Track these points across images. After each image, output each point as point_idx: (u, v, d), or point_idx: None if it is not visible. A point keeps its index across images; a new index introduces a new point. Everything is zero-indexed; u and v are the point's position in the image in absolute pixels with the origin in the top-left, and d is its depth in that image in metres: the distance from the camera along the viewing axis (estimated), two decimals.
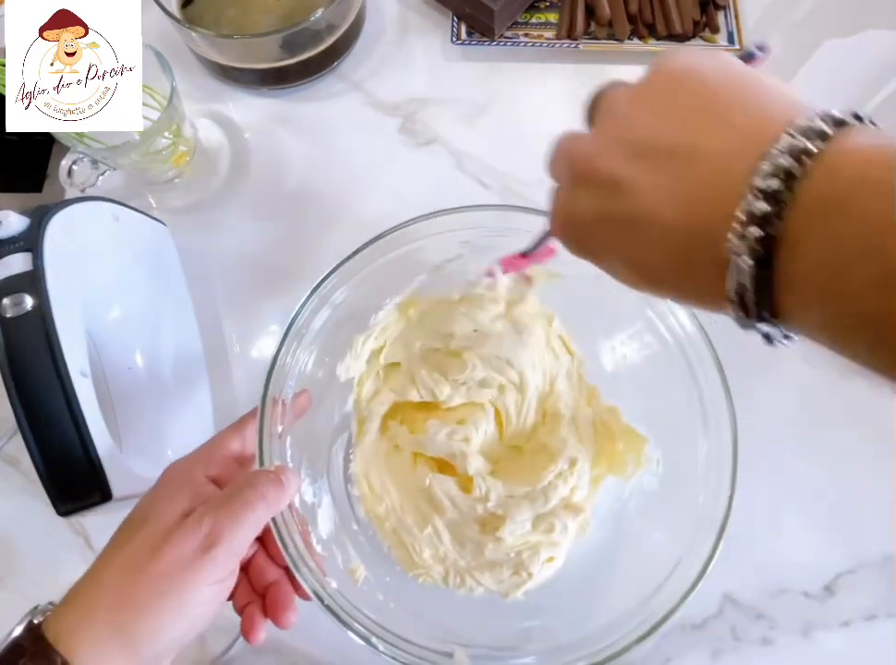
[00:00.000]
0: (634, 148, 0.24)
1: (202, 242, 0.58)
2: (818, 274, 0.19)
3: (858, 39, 0.63)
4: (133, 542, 0.32)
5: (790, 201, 0.19)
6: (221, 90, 0.63)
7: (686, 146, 0.23)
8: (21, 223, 0.40)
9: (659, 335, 0.45)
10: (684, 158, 0.23)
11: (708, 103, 0.24)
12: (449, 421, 0.47)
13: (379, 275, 0.45)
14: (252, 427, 0.39)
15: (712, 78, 0.24)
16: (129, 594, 0.30)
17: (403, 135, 0.62)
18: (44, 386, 0.37)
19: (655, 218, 0.23)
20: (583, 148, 0.27)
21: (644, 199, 0.24)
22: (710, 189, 0.22)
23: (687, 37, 0.62)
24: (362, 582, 0.42)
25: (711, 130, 0.23)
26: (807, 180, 0.19)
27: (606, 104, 0.28)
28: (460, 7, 0.62)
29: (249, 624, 0.35)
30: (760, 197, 0.20)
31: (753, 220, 0.20)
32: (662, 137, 0.24)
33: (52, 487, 0.38)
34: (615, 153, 0.25)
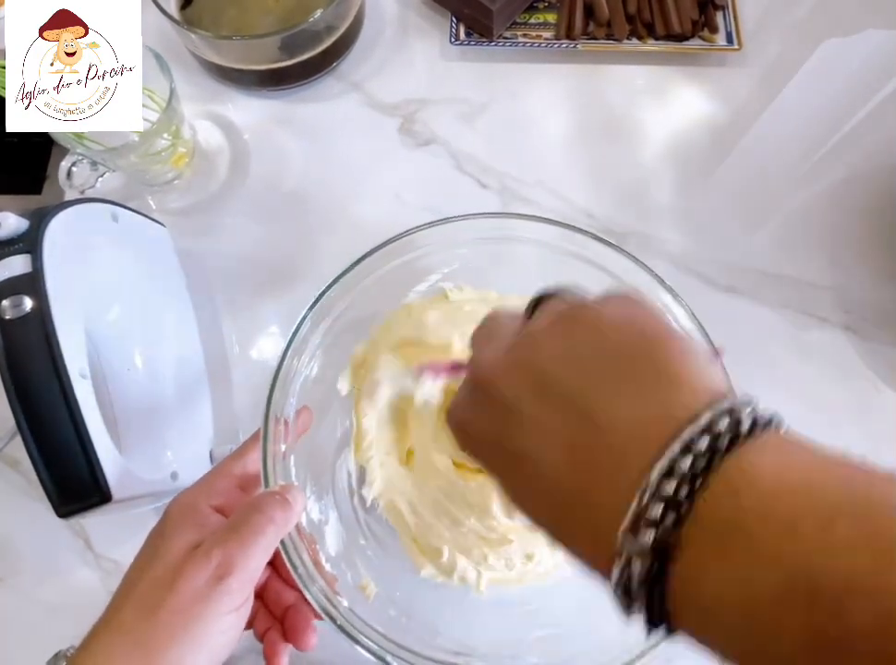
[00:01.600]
0: (539, 381, 0.23)
1: (202, 243, 0.58)
2: (712, 596, 0.18)
3: (858, 39, 0.63)
4: (145, 580, 0.32)
5: (686, 513, 0.18)
6: (220, 91, 0.63)
7: (586, 406, 0.22)
8: (20, 224, 0.39)
9: None
10: (583, 417, 0.22)
11: (624, 366, 0.22)
12: None
13: (379, 285, 0.45)
14: (255, 448, 0.38)
15: (638, 336, 0.23)
16: (147, 633, 0.30)
17: (402, 135, 0.62)
18: (44, 388, 0.37)
19: (541, 464, 0.22)
20: (494, 354, 0.26)
21: (532, 441, 0.23)
22: (603, 463, 0.21)
23: (686, 37, 0.62)
24: (373, 598, 0.42)
25: (617, 396, 0.22)
26: (708, 493, 0.18)
27: (542, 314, 0.27)
28: (459, 8, 0.62)
29: (272, 651, 0.35)
30: (655, 498, 0.18)
31: (646, 522, 0.18)
32: (569, 382, 0.23)
33: (51, 488, 0.38)
34: (521, 379, 0.24)
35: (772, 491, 0.18)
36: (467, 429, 0.27)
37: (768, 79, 0.63)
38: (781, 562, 0.16)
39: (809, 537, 0.16)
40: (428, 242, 0.46)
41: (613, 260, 0.46)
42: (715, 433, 0.19)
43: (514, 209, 0.59)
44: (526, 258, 0.49)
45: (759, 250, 0.57)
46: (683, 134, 0.61)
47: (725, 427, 0.19)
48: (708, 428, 0.19)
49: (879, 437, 0.51)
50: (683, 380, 0.22)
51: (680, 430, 0.19)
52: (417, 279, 0.48)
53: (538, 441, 0.23)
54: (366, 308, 0.46)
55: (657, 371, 0.22)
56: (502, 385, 0.25)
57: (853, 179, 0.59)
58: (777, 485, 0.18)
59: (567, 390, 0.23)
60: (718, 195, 0.59)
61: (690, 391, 0.21)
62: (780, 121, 0.61)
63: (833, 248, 0.57)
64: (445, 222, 0.45)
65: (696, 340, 0.24)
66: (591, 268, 0.47)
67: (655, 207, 0.59)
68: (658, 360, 0.22)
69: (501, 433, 0.24)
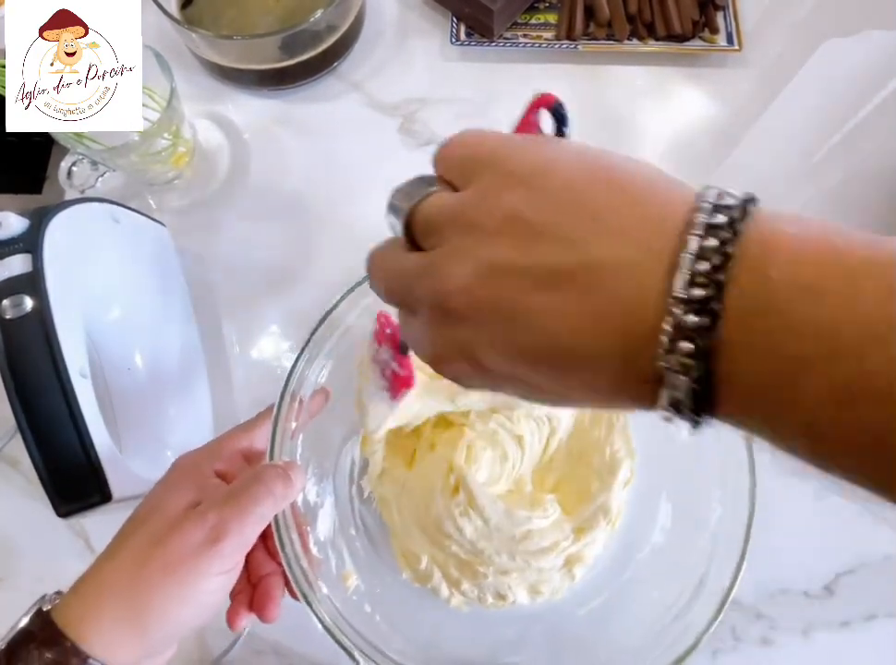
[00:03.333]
0: (533, 273, 0.20)
1: (202, 243, 0.58)
2: (761, 387, 0.18)
3: (858, 39, 0.63)
4: (140, 532, 0.32)
5: (719, 311, 0.18)
6: (220, 90, 0.63)
7: (583, 262, 0.20)
8: (21, 224, 0.40)
9: None
10: (584, 276, 0.20)
11: (597, 191, 0.20)
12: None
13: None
14: (264, 425, 0.39)
15: (580, 173, 0.21)
16: (137, 581, 0.31)
17: (402, 135, 0.62)
18: (44, 387, 0.37)
19: (565, 347, 0.20)
20: (433, 279, 0.22)
21: (548, 330, 0.20)
22: (624, 307, 0.19)
23: (686, 37, 0.62)
24: (353, 591, 0.42)
25: (601, 237, 0.20)
26: (734, 285, 0.17)
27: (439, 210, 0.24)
28: (459, 8, 0.62)
29: (234, 612, 0.35)
30: (686, 308, 0.18)
31: (681, 333, 0.18)
32: (545, 225, 0.20)
33: (52, 488, 0.38)
34: (503, 279, 0.21)
35: (796, 258, 0.17)
36: (452, 361, 0.23)
37: (769, 80, 0.63)
38: (810, 323, 0.17)
39: (837, 296, 0.17)
40: None
41: None
42: (726, 209, 0.18)
43: None
44: None
45: None
46: (683, 134, 0.61)
47: (732, 203, 0.18)
48: (717, 207, 0.18)
49: None
50: (659, 183, 0.20)
51: (694, 213, 0.19)
52: None
53: (553, 327, 0.20)
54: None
55: (632, 183, 0.20)
56: (482, 295, 0.21)
57: (852, 179, 0.59)
58: (800, 250, 0.18)
59: (564, 263, 0.20)
60: None
61: (676, 186, 0.20)
62: (780, 121, 0.61)
63: None
64: None
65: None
66: None
67: None
68: (623, 178, 0.21)
69: (506, 341, 0.21)
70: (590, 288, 0.19)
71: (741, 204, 0.19)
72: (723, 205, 0.19)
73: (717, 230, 0.18)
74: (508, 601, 0.43)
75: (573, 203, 0.20)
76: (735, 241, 0.18)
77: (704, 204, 0.19)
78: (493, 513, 0.43)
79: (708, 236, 0.18)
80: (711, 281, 0.18)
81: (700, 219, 0.18)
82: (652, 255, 0.19)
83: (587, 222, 0.20)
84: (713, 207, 0.19)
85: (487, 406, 0.47)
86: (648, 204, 0.20)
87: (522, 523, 0.44)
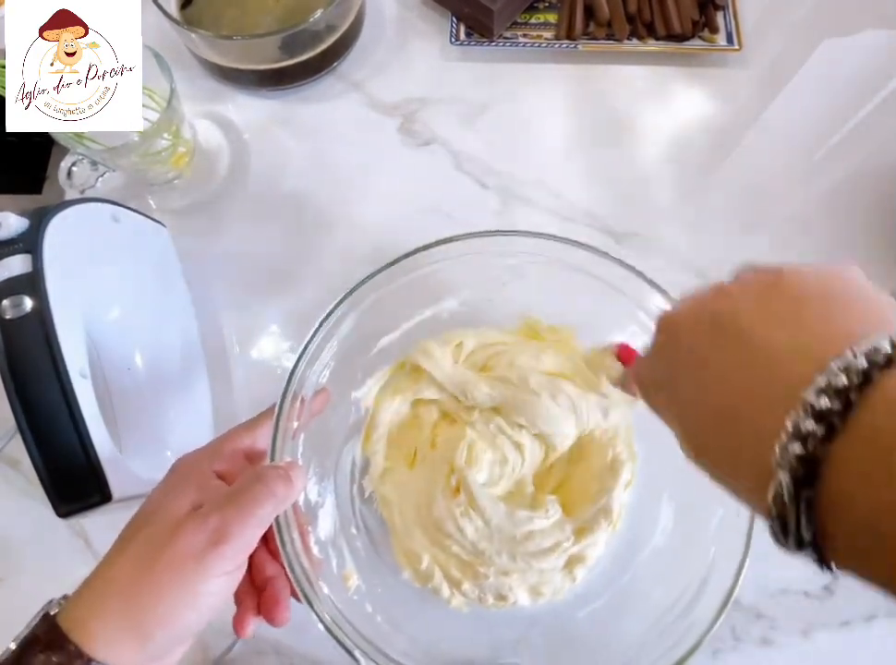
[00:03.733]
0: (717, 323, 0.25)
1: (202, 243, 0.58)
2: (867, 512, 0.18)
3: (858, 39, 0.63)
4: (143, 534, 0.32)
5: (840, 426, 0.18)
6: (220, 91, 0.63)
7: (749, 337, 0.23)
8: (21, 224, 0.40)
9: None
10: (744, 345, 0.23)
11: (798, 307, 0.24)
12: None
13: (408, 288, 0.45)
14: (266, 424, 0.39)
15: (813, 285, 0.25)
16: (140, 584, 0.31)
17: (402, 135, 0.62)
18: (44, 387, 0.37)
19: (706, 394, 0.24)
20: (685, 307, 0.28)
21: (701, 376, 0.24)
22: (766, 387, 0.22)
23: (686, 37, 0.62)
24: (354, 590, 0.42)
25: (782, 328, 0.23)
26: (864, 408, 0.18)
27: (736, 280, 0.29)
28: (459, 8, 0.62)
29: (240, 618, 0.35)
30: (809, 413, 0.19)
31: (798, 435, 0.19)
32: (742, 323, 0.24)
33: (52, 488, 0.38)
34: (701, 324, 0.26)
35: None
36: (645, 380, 0.29)
37: (769, 79, 0.63)
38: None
39: None
40: (443, 257, 0.45)
41: (624, 280, 0.45)
42: (874, 354, 0.19)
43: (514, 208, 0.59)
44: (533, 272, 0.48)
45: (759, 250, 0.57)
46: (683, 134, 0.61)
47: (887, 349, 0.19)
48: (869, 351, 0.19)
49: None
50: (849, 313, 0.22)
51: (840, 351, 0.19)
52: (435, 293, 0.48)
53: (704, 375, 0.24)
54: (393, 309, 0.46)
55: (827, 308, 0.23)
56: (682, 330, 0.26)
57: (852, 179, 0.59)
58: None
59: (737, 329, 0.24)
60: (718, 195, 0.59)
61: (855, 320, 0.22)
62: (779, 121, 0.61)
63: (833, 249, 0.57)
64: (473, 236, 0.45)
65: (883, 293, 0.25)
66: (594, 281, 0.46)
67: (655, 207, 0.59)
68: (829, 299, 0.23)
69: (674, 377, 0.26)
70: (753, 357, 0.23)
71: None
72: (892, 344, 0.19)
73: (863, 361, 0.19)
74: (509, 602, 0.43)
75: (790, 302, 0.24)
76: (878, 377, 0.18)
77: (880, 335, 0.20)
78: (494, 514, 0.43)
79: (857, 361, 0.19)
80: (843, 396, 0.19)
81: (863, 344, 0.19)
82: (806, 362, 0.20)
83: (783, 320, 0.23)
84: (886, 339, 0.19)
85: (493, 404, 0.47)
86: (840, 319, 0.22)
87: (523, 523, 0.44)
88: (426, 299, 0.48)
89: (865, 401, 0.18)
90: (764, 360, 0.22)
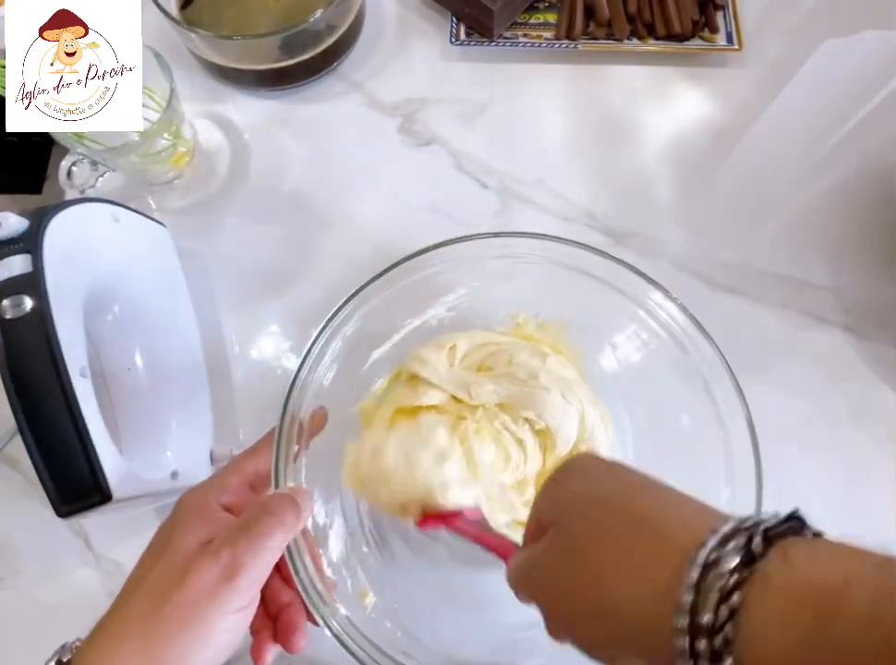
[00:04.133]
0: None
1: (202, 243, 0.58)
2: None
3: (858, 39, 0.63)
4: (154, 574, 0.32)
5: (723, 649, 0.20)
6: (220, 91, 0.63)
7: (600, 600, 0.25)
8: (21, 224, 0.39)
9: (654, 333, 0.46)
10: (601, 611, 0.25)
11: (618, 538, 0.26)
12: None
13: (398, 298, 0.45)
14: (266, 450, 0.39)
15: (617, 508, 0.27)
16: (154, 625, 0.30)
17: (402, 135, 0.62)
18: (44, 387, 0.37)
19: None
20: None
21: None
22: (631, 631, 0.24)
23: (686, 37, 0.62)
24: (371, 608, 0.42)
25: (621, 574, 0.25)
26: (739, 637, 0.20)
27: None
28: (459, 8, 0.62)
29: (258, 648, 0.35)
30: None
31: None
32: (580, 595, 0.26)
33: (51, 488, 0.38)
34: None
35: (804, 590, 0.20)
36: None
37: (768, 79, 0.63)
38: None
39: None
40: (444, 259, 0.46)
41: (623, 278, 0.45)
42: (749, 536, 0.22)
43: (514, 208, 0.59)
44: (533, 274, 0.48)
45: (759, 250, 0.57)
46: (683, 134, 0.61)
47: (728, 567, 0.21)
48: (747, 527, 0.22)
49: (879, 437, 0.51)
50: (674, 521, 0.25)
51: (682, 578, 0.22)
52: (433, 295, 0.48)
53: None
54: (383, 320, 0.46)
55: (645, 522, 0.25)
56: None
57: (852, 179, 0.59)
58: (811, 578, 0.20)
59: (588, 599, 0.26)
60: (718, 195, 0.59)
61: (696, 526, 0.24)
62: (779, 121, 0.61)
63: (833, 248, 0.57)
64: (469, 239, 0.45)
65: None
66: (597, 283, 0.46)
67: (655, 207, 0.59)
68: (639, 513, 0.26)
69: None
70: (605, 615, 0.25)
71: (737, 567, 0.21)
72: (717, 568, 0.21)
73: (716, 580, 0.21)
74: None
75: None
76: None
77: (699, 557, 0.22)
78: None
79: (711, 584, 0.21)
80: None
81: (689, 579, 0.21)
82: (661, 602, 0.22)
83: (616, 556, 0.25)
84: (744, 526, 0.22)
85: (499, 400, 0.46)
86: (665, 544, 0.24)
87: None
88: (416, 307, 0.48)
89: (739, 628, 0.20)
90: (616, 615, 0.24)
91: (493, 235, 0.46)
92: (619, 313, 0.46)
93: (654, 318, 0.46)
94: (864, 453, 0.51)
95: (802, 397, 0.52)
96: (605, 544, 0.26)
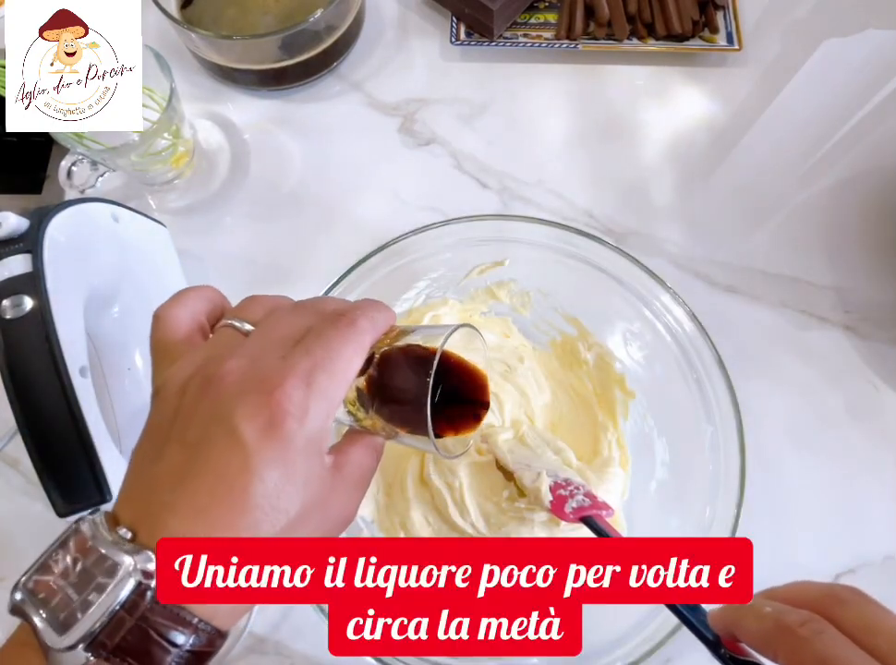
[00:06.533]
0: None
1: (202, 243, 0.58)
2: None
3: (858, 39, 0.63)
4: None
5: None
6: (220, 91, 0.63)
7: None
8: (21, 224, 0.39)
9: (658, 334, 0.46)
10: None
11: None
12: None
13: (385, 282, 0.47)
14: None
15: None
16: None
17: (402, 135, 0.62)
18: (44, 387, 0.37)
19: None
20: None
21: None
22: None
23: (686, 37, 0.62)
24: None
25: None
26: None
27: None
28: (459, 8, 0.62)
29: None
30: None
31: None
32: None
33: (52, 488, 0.38)
34: None
35: None
36: None
37: (768, 79, 0.63)
38: None
39: None
40: (425, 244, 0.46)
41: (614, 262, 0.46)
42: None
43: (514, 209, 0.59)
44: (525, 259, 0.49)
45: (759, 250, 0.57)
46: (683, 134, 0.61)
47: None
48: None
49: (879, 437, 0.51)
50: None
51: None
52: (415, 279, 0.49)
53: None
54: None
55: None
56: None
57: (852, 179, 0.59)
58: None
59: None
60: (718, 195, 0.59)
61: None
62: (780, 121, 0.61)
63: (833, 248, 0.57)
64: (455, 222, 0.45)
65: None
66: (592, 269, 0.47)
67: (655, 207, 0.59)
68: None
69: None
70: None
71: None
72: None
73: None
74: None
75: None
76: None
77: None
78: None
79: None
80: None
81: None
82: None
83: None
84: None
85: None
86: None
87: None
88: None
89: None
90: None
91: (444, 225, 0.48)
92: (600, 290, 0.48)
93: (649, 308, 0.47)
94: (862, 453, 0.51)
95: (801, 396, 0.52)
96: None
